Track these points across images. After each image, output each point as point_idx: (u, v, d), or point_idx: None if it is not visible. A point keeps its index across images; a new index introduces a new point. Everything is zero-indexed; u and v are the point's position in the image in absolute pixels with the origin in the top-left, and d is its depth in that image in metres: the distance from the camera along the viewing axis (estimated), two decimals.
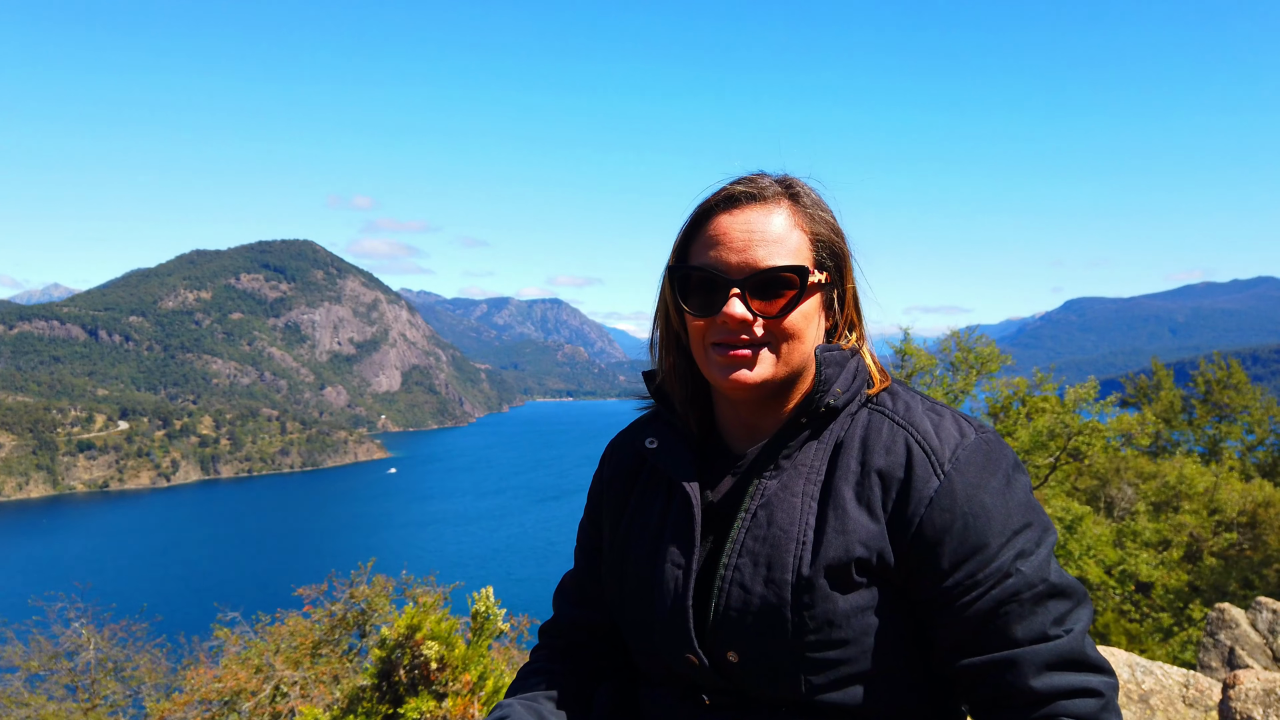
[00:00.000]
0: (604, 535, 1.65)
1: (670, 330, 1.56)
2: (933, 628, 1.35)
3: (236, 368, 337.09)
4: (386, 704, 5.59)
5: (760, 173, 1.47)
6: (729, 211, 1.42)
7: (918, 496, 1.32)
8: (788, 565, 1.34)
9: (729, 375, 1.39)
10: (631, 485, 1.62)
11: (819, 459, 1.41)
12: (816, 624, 1.32)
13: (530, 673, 1.67)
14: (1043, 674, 1.27)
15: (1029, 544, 1.32)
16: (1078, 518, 15.88)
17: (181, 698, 8.04)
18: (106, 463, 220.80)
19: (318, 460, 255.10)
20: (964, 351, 19.29)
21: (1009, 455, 1.38)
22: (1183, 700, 3.35)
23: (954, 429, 1.38)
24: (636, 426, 1.66)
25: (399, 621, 5.63)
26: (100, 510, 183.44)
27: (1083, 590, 1.35)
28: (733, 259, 1.38)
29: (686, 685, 1.47)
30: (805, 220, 1.43)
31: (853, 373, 1.45)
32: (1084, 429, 17.57)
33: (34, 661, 11.23)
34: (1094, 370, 52.75)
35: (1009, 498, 1.33)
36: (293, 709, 6.95)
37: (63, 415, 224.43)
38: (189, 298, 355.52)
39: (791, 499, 1.39)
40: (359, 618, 8.02)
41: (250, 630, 8.68)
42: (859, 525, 1.34)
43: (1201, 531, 18.17)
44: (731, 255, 1.39)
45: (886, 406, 1.44)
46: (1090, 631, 8.33)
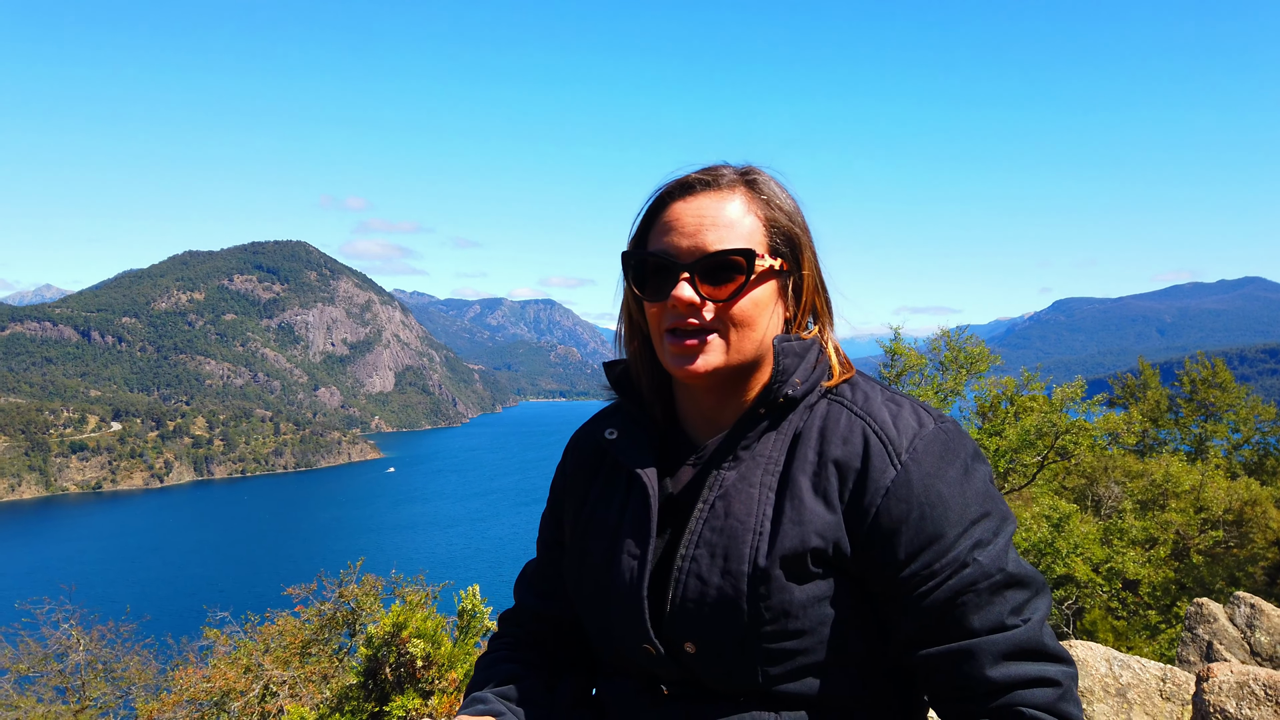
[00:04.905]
0: (564, 528, 1.65)
1: (633, 320, 1.56)
2: (890, 618, 1.35)
3: (230, 369, 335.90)
4: (373, 702, 5.60)
5: (724, 163, 1.47)
6: (684, 198, 1.42)
7: (874, 486, 1.32)
8: (744, 556, 1.34)
9: (681, 362, 1.39)
10: (593, 477, 1.62)
11: (777, 449, 1.41)
12: (773, 614, 1.32)
13: (494, 661, 1.67)
14: (1000, 664, 1.26)
15: (986, 534, 1.31)
16: (1065, 516, 15.92)
17: (170, 698, 8.04)
18: (99, 464, 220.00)
19: (311, 461, 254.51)
20: (954, 351, 19.32)
21: (968, 445, 1.38)
22: (1160, 694, 3.37)
23: (912, 419, 1.37)
24: (599, 418, 1.65)
25: (385, 620, 5.64)
26: (93, 511, 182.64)
27: (1041, 580, 1.34)
28: (684, 243, 1.39)
29: (646, 676, 1.47)
30: (760, 206, 1.43)
31: (812, 364, 1.45)
32: (1071, 428, 17.63)
33: (23, 664, 11.19)
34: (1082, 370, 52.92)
35: (966, 487, 1.33)
36: (281, 708, 6.95)
37: (55, 416, 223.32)
38: (182, 299, 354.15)
39: (749, 490, 1.38)
40: (348, 617, 8.01)
41: (240, 630, 8.66)
42: (815, 516, 1.33)
43: (1188, 529, 18.26)
44: (683, 240, 1.39)
45: (845, 397, 1.43)
46: (1078, 629, 8.32)
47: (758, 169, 1.48)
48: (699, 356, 1.38)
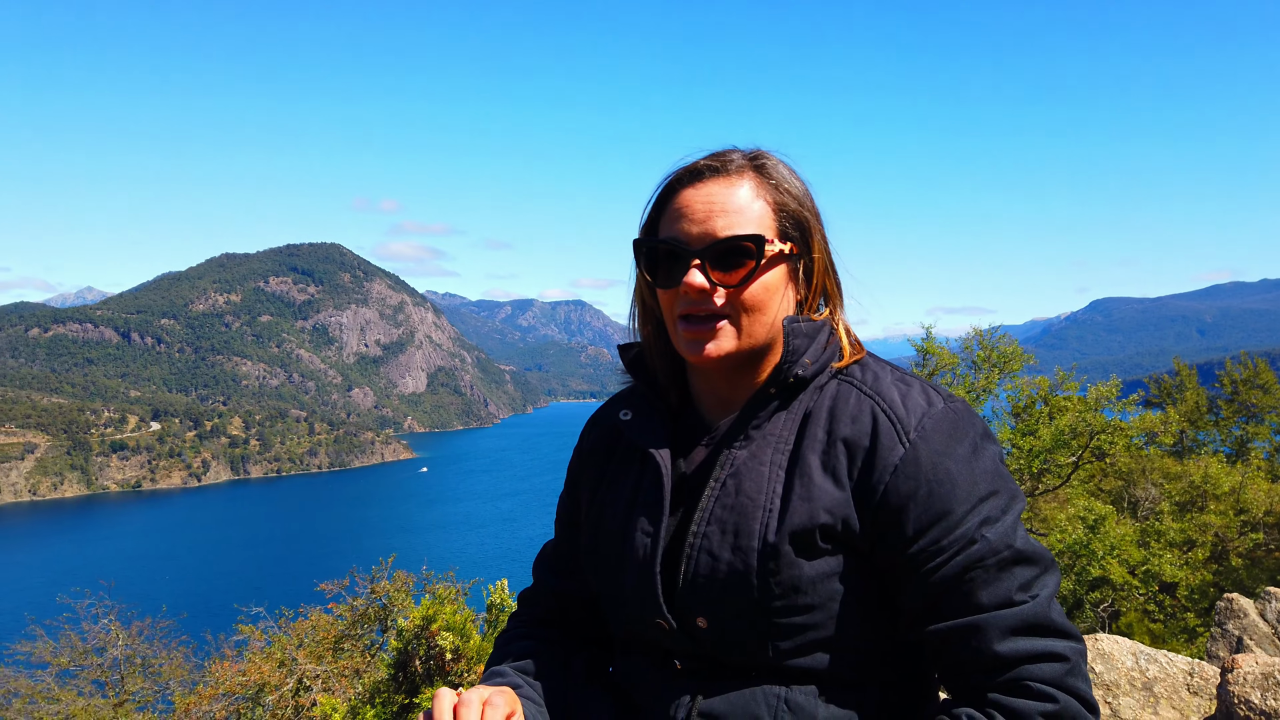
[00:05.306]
0: (581, 508, 1.69)
1: (646, 306, 1.60)
2: (899, 594, 1.37)
3: (265, 369, 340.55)
4: (403, 694, 5.68)
5: (732, 148, 1.49)
6: (693, 185, 1.45)
7: (882, 464, 1.34)
8: (754, 532, 1.36)
9: (694, 348, 1.42)
10: (608, 458, 1.65)
11: (787, 429, 1.43)
12: (783, 590, 1.35)
13: (512, 638, 1.72)
14: (1007, 639, 1.28)
15: (995, 511, 1.33)
16: (1101, 517, 15.71)
17: (207, 690, 8.17)
18: (139, 463, 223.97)
19: (345, 461, 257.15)
20: (986, 350, 19.14)
21: (978, 424, 1.39)
22: (1187, 688, 3.34)
23: (921, 398, 1.40)
24: (614, 401, 1.68)
25: (415, 613, 5.70)
26: (132, 510, 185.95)
27: (1050, 557, 1.35)
28: (694, 230, 1.41)
29: (659, 651, 1.50)
30: (769, 191, 1.45)
31: (822, 344, 1.47)
32: (1107, 428, 17.38)
33: (64, 657, 11.42)
34: (1119, 371, 52.08)
35: (975, 465, 1.34)
36: (314, 701, 7.04)
37: (96, 416, 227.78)
38: (219, 300, 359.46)
39: (759, 468, 1.41)
40: (380, 613, 8.09)
41: (274, 625, 8.78)
42: (824, 493, 1.36)
43: (1227, 532, 17.91)
44: (693, 226, 1.41)
45: (855, 377, 1.45)
46: (1114, 631, 8.22)
47: (766, 153, 1.50)
48: (712, 341, 1.42)
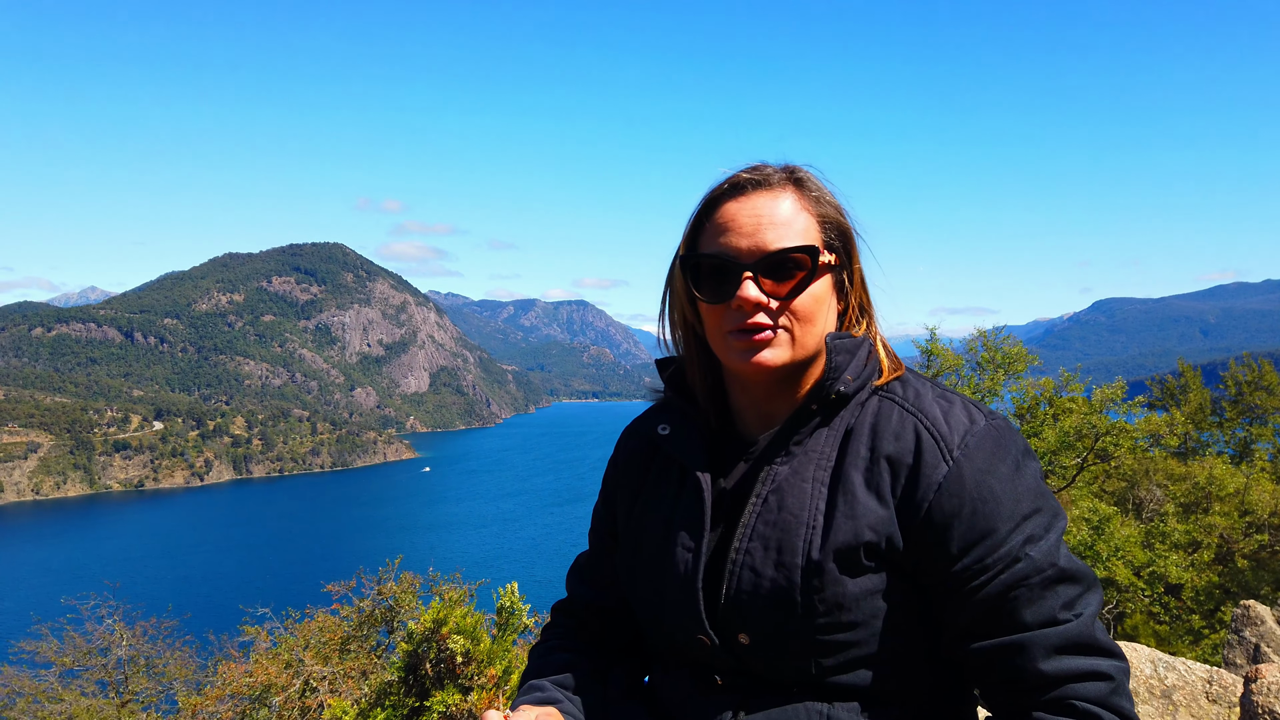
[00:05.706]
0: (618, 520, 1.69)
1: (686, 323, 1.58)
2: (942, 612, 1.37)
3: (268, 369, 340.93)
4: (413, 697, 5.66)
5: (763, 163, 1.50)
6: (736, 199, 1.45)
7: (926, 482, 1.34)
8: (797, 549, 1.36)
9: (748, 359, 1.41)
10: (645, 471, 1.65)
11: (829, 445, 1.43)
12: (826, 607, 1.34)
13: (548, 650, 1.71)
14: (1052, 657, 1.28)
15: (1038, 529, 1.33)
16: (1105, 519, 15.73)
17: (213, 691, 8.17)
18: (141, 462, 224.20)
19: (347, 460, 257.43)
20: (990, 351, 19.15)
21: (1019, 442, 1.39)
22: (1206, 696, 3.33)
23: (964, 415, 1.39)
24: (650, 413, 1.67)
25: (425, 616, 5.68)
26: (135, 509, 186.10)
27: (1093, 575, 1.35)
28: (743, 243, 1.41)
29: (699, 666, 1.49)
30: (810, 203, 1.46)
31: (863, 360, 1.47)
32: (1111, 429, 17.39)
33: (68, 657, 11.42)
34: (1123, 372, 51.97)
35: (1018, 483, 1.34)
36: (321, 703, 7.03)
37: (99, 416, 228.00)
38: (221, 300, 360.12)
39: (802, 484, 1.41)
40: (387, 614, 8.08)
41: (280, 626, 8.77)
42: (868, 510, 1.35)
43: (1232, 533, 17.90)
44: (741, 240, 1.41)
45: (897, 394, 1.45)
46: (1119, 633, 8.22)
47: (799, 167, 1.51)
48: (766, 350, 1.41)
